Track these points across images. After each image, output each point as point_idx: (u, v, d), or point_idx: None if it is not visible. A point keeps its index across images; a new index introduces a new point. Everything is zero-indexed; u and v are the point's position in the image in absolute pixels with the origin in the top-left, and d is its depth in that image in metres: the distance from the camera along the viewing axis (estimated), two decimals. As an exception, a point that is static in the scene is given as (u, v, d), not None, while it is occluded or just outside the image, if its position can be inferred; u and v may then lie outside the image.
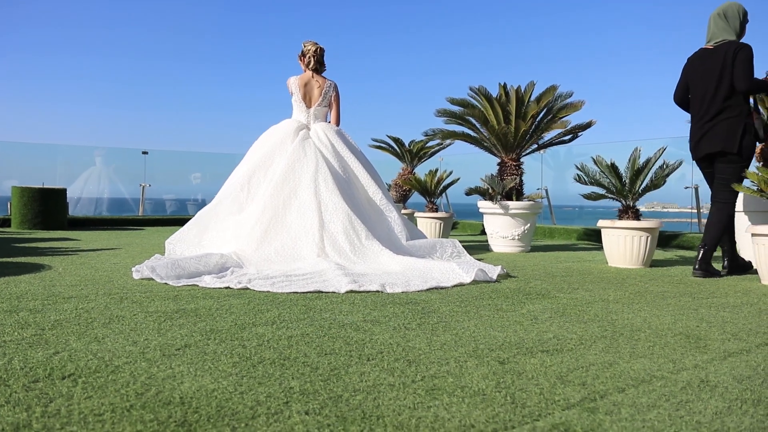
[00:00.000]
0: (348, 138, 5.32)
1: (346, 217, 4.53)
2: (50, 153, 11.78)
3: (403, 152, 8.05)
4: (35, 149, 11.24)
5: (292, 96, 5.27)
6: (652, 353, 1.99)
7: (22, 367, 1.71)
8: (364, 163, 5.24)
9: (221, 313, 2.55)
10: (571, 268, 4.49)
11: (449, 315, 2.61)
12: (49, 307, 2.63)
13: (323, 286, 3.29)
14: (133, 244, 6.13)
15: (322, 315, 2.56)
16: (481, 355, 1.93)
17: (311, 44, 5.27)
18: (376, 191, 5.06)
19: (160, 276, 3.51)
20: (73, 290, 3.11)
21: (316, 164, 4.82)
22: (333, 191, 4.67)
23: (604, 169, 4.74)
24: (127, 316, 2.47)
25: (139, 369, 1.72)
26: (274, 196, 4.58)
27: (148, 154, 10.52)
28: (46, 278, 3.53)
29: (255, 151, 5.10)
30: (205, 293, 3.09)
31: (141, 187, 10.46)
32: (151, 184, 10.51)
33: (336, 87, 5.33)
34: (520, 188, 5.93)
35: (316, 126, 5.21)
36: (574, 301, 3.01)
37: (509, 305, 2.87)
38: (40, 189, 8.28)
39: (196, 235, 4.74)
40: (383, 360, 1.86)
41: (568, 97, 5.80)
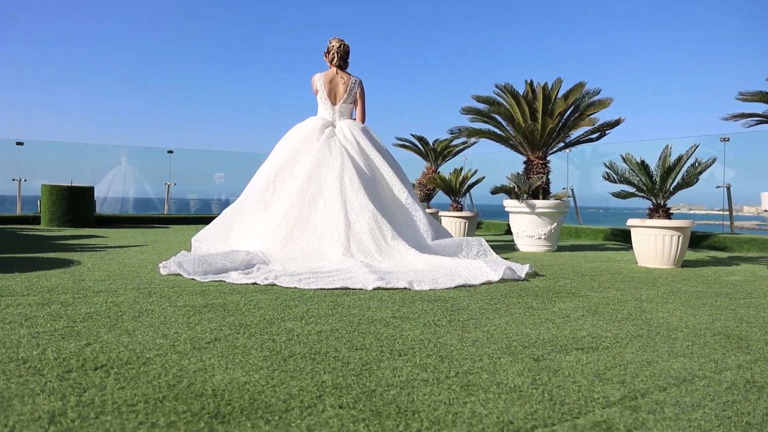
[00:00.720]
0: (373, 135, 5.30)
1: (371, 217, 4.51)
2: (77, 152, 11.93)
3: (428, 151, 8.01)
4: (63, 148, 11.40)
5: (317, 93, 5.26)
6: (692, 352, 1.93)
7: (55, 357, 1.71)
8: (390, 160, 5.21)
9: (249, 308, 2.54)
10: (600, 268, 4.42)
11: (479, 312, 2.57)
12: (80, 300, 2.64)
13: (350, 283, 3.27)
14: (159, 242, 6.17)
15: (350, 311, 2.54)
16: (514, 352, 1.89)
17: (336, 40, 5.26)
18: (401, 189, 5.03)
19: (188, 271, 3.52)
20: (103, 285, 3.12)
21: (341, 162, 4.81)
22: (359, 190, 4.64)
23: (633, 167, 4.65)
24: (156, 310, 2.47)
25: (170, 361, 1.71)
26: (300, 194, 4.57)
27: (173, 153, 10.61)
28: (75, 273, 3.56)
29: (280, 149, 5.10)
30: (233, 289, 3.09)
31: (166, 185, 10.55)
32: (176, 183, 10.59)
33: (361, 83, 5.31)
34: (546, 187, 5.86)
35: (342, 123, 5.19)
36: (606, 300, 2.95)
37: (540, 303, 2.82)
38: (69, 187, 8.39)
39: (222, 233, 4.75)
40: (415, 356, 1.83)
41: (595, 94, 5.71)
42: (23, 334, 1.99)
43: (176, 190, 12.26)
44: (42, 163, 10.01)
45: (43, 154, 10.17)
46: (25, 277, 3.31)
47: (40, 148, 10.11)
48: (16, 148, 9.33)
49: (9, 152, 9.32)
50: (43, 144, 10.30)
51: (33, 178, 10.19)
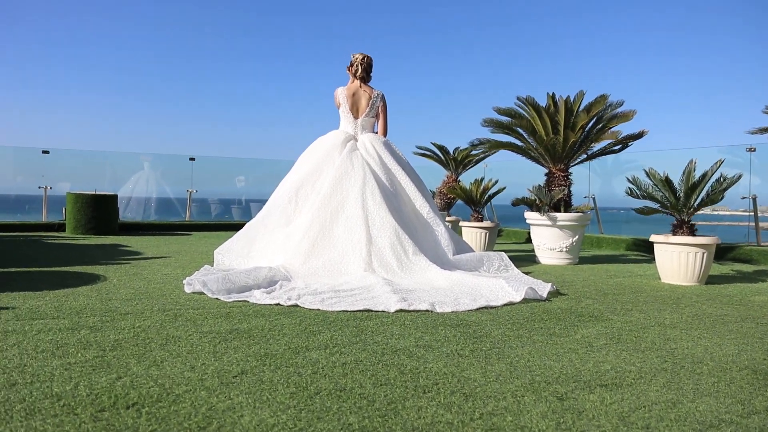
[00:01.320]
0: (395, 149, 5.32)
1: (393, 233, 4.53)
2: (101, 160, 12.11)
3: (448, 160, 8.01)
4: (87, 156, 11.58)
5: (340, 107, 5.29)
6: (717, 391, 1.93)
7: (88, 393, 1.76)
8: (411, 174, 5.23)
9: (274, 335, 2.57)
10: (623, 285, 4.40)
11: (502, 340, 2.57)
12: (108, 324, 2.70)
13: (372, 304, 3.29)
14: (182, 252, 6.24)
15: (374, 338, 2.56)
16: (538, 389, 1.90)
17: (359, 54, 5.30)
18: (423, 204, 5.05)
19: (211, 290, 3.57)
20: (129, 305, 3.18)
21: (363, 177, 4.84)
22: (380, 205, 4.67)
23: (657, 182, 4.62)
24: (183, 336, 2.51)
25: (199, 399, 1.74)
26: (322, 209, 4.61)
27: (195, 161, 10.72)
28: (102, 291, 3.62)
29: (303, 162, 5.14)
30: (256, 311, 3.13)
31: (188, 192, 10.67)
32: (198, 190, 10.70)
33: (383, 97, 5.34)
34: (568, 199, 5.84)
35: (364, 137, 5.22)
36: (629, 325, 2.94)
37: (562, 329, 2.82)
38: (93, 195, 8.52)
39: (245, 246, 4.80)
40: (439, 393, 1.84)
41: (618, 107, 5.68)
42: (56, 365, 2.04)
43: (198, 193, 12.40)
44: (67, 170, 10.19)
45: (68, 162, 10.34)
46: (54, 296, 3.38)
47: (65, 156, 10.28)
48: (42, 157, 9.51)
49: (35, 161, 9.49)
50: (68, 152, 10.47)
51: (58, 184, 10.38)
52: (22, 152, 10.25)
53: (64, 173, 11.07)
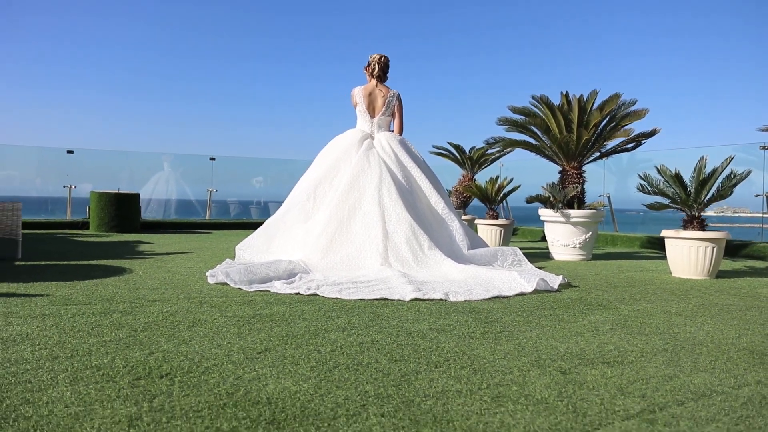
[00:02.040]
0: (411, 147, 5.46)
1: (409, 228, 4.66)
2: (124, 159, 12.37)
3: (464, 159, 8.13)
4: (110, 156, 11.84)
5: (356, 106, 5.44)
6: (714, 368, 2.03)
7: (124, 365, 1.91)
8: (427, 172, 5.36)
9: (294, 319, 2.71)
10: (633, 278, 4.49)
11: (512, 325, 2.69)
12: (137, 309, 2.86)
13: (388, 293, 3.42)
14: (203, 248, 6.42)
15: (389, 322, 2.69)
16: (543, 365, 2.02)
17: (377, 55, 5.44)
18: (438, 200, 5.17)
19: (234, 281, 3.72)
20: (156, 293, 3.34)
21: (380, 174, 4.97)
22: (396, 201, 4.80)
23: (668, 178, 4.71)
24: (209, 320, 2.66)
25: (227, 371, 1.88)
26: (340, 205, 4.75)
27: (215, 161, 10.94)
28: (129, 281, 3.79)
29: (320, 160, 5.29)
30: (277, 299, 3.27)
31: (208, 192, 10.88)
32: (218, 189, 10.91)
33: (399, 96, 5.47)
34: (581, 196, 5.93)
35: (380, 135, 5.36)
36: (635, 313, 3.05)
37: (570, 315, 2.93)
38: (116, 194, 8.74)
39: (265, 243, 4.96)
40: (450, 368, 1.97)
41: (631, 105, 5.76)
42: (92, 342, 2.19)
43: (217, 194, 12.60)
44: (88, 171, 10.43)
45: (92, 161, 10.60)
46: (85, 286, 3.55)
47: (89, 156, 10.54)
48: (66, 157, 9.77)
49: (60, 161, 9.75)
50: (92, 152, 10.73)
51: (80, 185, 10.65)
52: (47, 153, 10.52)
53: (86, 174, 11.35)
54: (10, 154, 10.89)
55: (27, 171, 10.97)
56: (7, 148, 10.71)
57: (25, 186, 11.06)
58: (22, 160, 10.94)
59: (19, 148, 10.77)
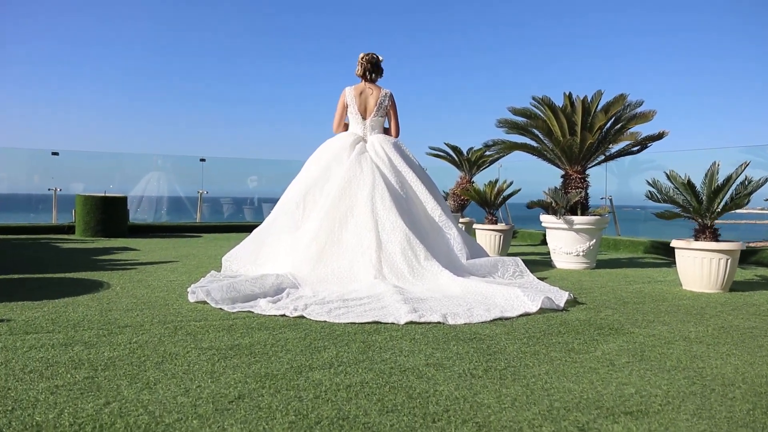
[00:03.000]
0: (405, 151, 5.19)
1: (404, 237, 4.39)
2: (111, 161, 12.10)
3: (462, 161, 7.86)
4: (97, 158, 11.55)
5: (347, 108, 5.16)
6: (754, 420, 1.77)
7: (71, 423, 1.64)
8: (422, 177, 5.09)
9: (276, 351, 2.44)
10: (643, 292, 4.23)
11: (517, 357, 2.43)
12: (104, 339, 2.58)
13: (382, 315, 3.15)
14: (190, 256, 6.14)
15: (381, 355, 2.42)
16: (557, 417, 1.76)
17: (362, 53, 5.16)
18: (434, 207, 4.90)
19: (215, 300, 3.45)
20: (129, 316, 3.07)
21: (372, 180, 4.70)
22: (390, 209, 4.53)
23: (678, 185, 4.44)
24: (181, 353, 2.39)
25: (190, 429, 1.61)
26: (330, 214, 4.48)
27: (205, 162, 10.63)
28: (103, 300, 3.52)
29: (311, 165, 5.02)
30: (260, 322, 3.00)
31: (198, 194, 10.58)
32: (209, 191, 10.61)
33: (392, 96, 5.20)
34: (585, 202, 5.66)
35: (373, 138, 5.09)
36: (651, 340, 2.78)
37: (581, 344, 2.67)
38: (102, 197, 8.46)
39: (252, 253, 4.68)
40: (450, 422, 1.70)
41: (637, 107, 5.49)
42: (42, 388, 1.92)
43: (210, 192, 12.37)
44: (81, 172, 10.14)
45: (79, 163, 10.30)
46: (53, 307, 3.27)
47: (76, 158, 10.24)
48: (51, 159, 9.45)
49: (45, 162, 9.43)
50: (78, 154, 10.43)
51: (72, 185, 10.37)
52: (33, 154, 10.22)
53: (78, 174, 11.08)
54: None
55: (15, 172, 10.68)
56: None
57: (16, 186, 10.77)
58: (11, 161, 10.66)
59: (6, 150, 10.45)
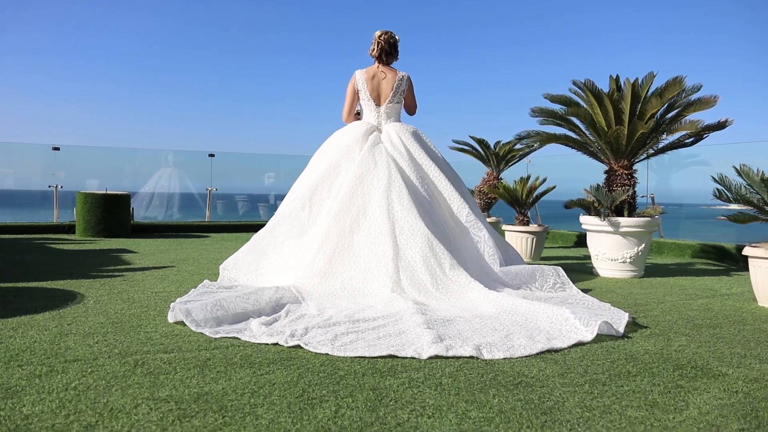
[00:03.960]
0: (426, 140, 4.53)
1: (425, 242, 3.75)
2: (124, 156, 11.64)
3: (489, 155, 7.17)
4: (111, 153, 11.06)
5: (359, 93, 4.51)
6: None
7: None
8: (446, 170, 4.43)
9: (255, 404, 1.82)
10: (712, 310, 3.54)
11: (582, 418, 1.77)
12: (35, 382, 1.98)
13: (399, 345, 2.52)
14: (190, 260, 5.56)
15: (396, 414, 1.78)
16: None
17: (379, 31, 4.51)
18: (461, 205, 4.25)
19: (196, 321, 2.83)
20: (85, 344, 2.46)
21: (388, 176, 4.06)
22: (409, 209, 3.89)
23: (752, 182, 3.74)
24: (127, 407, 1.77)
25: None
26: (340, 216, 3.85)
27: (215, 157, 10.06)
28: (66, 319, 2.93)
29: (318, 161, 4.39)
30: (245, 355, 2.37)
31: (207, 191, 10.01)
32: (218, 189, 10.04)
33: (410, 79, 4.54)
34: (632, 201, 4.97)
35: (389, 127, 4.44)
36: (756, 388, 2.11)
37: (664, 394, 2.00)
38: (104, 195, 7.92)
39: (252, 262, 4.07)
40: None
41: (695, 92, 4.76)
42: None
43: (225, 188, 11.89)
44: (80, 168, 9.65)
45: (81, 158, 9.79)
46: (2, 327, 2.69)
47: (78, 153, 9.73)
48: (52, 154, 8.92)
49: (45, 157, 8.91)
50: (81, 149, 9.92)
51: (84, 182, 9.91)
52: (34, 149, 9.73)
53: (90, 170, 10.64)
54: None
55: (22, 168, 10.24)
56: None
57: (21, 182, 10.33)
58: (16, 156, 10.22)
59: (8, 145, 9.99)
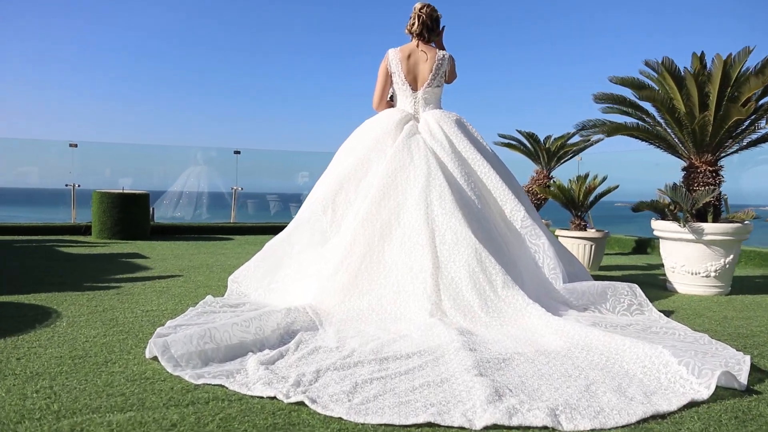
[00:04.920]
0: (472, 130, 3.80)
1: (472, 254, 3.04)
2: (151, 154, 11.25)
3: (539, 151, 6.39)
4: (120, 150, 10.63)
5: (392, 76, 3.80)
6: None
7: None
8: (497, 165, 3.70)
9: None
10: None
11: None
12: None
13: (441, 404, 1.81)
14: (203, 267, 4.96)
15: None
16: None
17: (419, 4, 3.79)
18: (516, 207, 3.51)
19: (176, 359, 2.18)
20: (18, 395, 1.83)
21: (427, 172, 3.36)
22: (452, 213, 3.18)
23: None
24: None
25: None
26: (368, 221, 3.16)
27: (240, 154, 9.46)
28: (18, 351, 2.31)
29: (343, 156, 3.69)
30: (224, 420, 1.70)
31: (233, 190, 9.42)
32: (244, 188, 9.45)
33: (452, 59, 3.81)
34: (718, 204, 4.17)
35: (427, 115, 3.72)
36: None
37: None
38: (120, 194, 7.39)
39: (265, 275, 3.42)
40: None
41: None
42: None
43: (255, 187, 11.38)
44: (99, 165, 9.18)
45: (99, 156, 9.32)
46: None
47: (96, 150, 9.25)
48: (69, 151, 8.42)
49: (62, 155, 8.43)
50: (98, 146, 9.43)
51: (120, 180, 9.54)
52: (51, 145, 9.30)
53: (123, 169, 10.30)
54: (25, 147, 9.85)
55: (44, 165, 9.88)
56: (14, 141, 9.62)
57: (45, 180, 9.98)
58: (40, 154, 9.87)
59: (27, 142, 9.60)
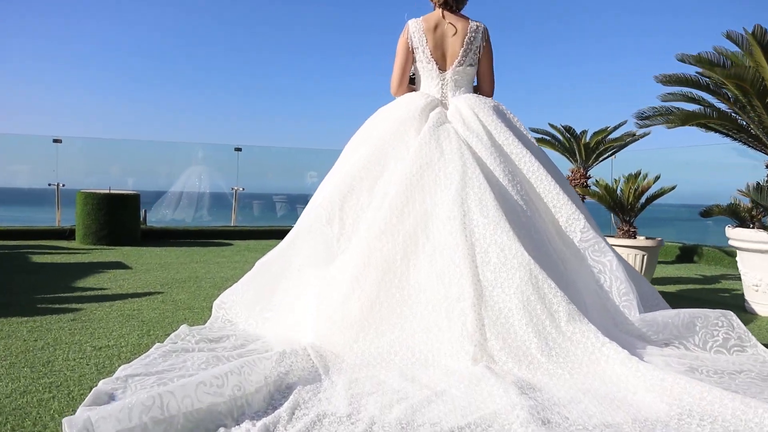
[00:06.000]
0: (513, 119, 3.03)
1: (527, 276, 2.28)
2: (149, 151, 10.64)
3: (576, 147, 5.63)
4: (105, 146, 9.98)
5: (414, 51, 3.03)
6: None
7: None
8: (546, 163, 2.93)
9: None
10: None
11: None
12: None
13: None
14: (190, 281, 4.25)
15: None
16: None
17: None
18: (573, 216, 2.73)
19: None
20: None
21: (462, 170, 2.60)
22: (498, 224, 2.42)
23: None
24: None
25: None
26: (387, 235, 2.40)
27: (241, 151, 8.73)
28: None
29: (354, 151, 2.92)
30: None
31: (233, 191, 8.69)
32: (245, 188, 8.72)
33: (486, 31, 3.04)
34: (815, 209, 3.40)
35: (458, 101, 2.95)
36: None
37: None
38: (107, 194, 6.68)
39: (256, 300, 2.68)
40: None
41: None
42: None
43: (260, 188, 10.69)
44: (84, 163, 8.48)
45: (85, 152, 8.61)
46: None
47: (82, 146, 8.54)
48: (53, 147, 7.69)
49: (46, 151, 7.70)
50: (84, 141, 8.71)
51: (125, 179, 8.98)
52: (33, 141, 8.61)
53: (128, 168, 9.75)
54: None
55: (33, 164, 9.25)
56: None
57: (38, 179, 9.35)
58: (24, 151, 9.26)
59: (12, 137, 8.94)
